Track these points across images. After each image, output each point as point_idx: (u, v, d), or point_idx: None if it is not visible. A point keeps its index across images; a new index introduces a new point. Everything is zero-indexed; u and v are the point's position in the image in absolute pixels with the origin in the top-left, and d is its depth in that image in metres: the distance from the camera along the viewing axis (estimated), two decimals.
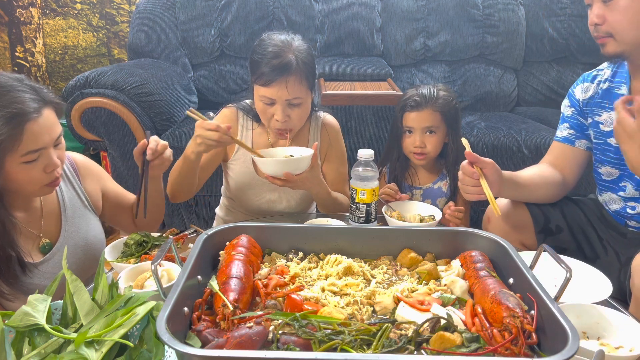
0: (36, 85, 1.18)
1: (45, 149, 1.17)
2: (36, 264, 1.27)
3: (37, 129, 1.14)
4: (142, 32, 3.02)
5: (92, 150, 3.04)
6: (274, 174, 1.41)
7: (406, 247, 1.19)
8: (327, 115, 1.74)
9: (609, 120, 1.46)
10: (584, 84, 1.56)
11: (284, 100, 1.49)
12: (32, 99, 1.14)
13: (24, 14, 3.42)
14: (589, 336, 1.00)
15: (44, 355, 0.84)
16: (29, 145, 1.14)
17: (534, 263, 1.06)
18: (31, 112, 1.13)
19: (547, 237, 1.55)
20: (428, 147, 1.71)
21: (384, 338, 0.88)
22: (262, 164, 1.43)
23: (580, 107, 1.55)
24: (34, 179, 1.18)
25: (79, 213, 1.38)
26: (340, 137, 1.74)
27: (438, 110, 1.70)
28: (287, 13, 3.04)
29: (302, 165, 1.42)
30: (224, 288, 0.95)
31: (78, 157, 1.44)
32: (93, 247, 1.39)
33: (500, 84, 3.11)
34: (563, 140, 1.60)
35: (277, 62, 1.45)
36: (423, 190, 1.79)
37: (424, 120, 1.70)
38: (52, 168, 1.19)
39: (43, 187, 1.22)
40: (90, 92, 2.38)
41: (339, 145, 1.73)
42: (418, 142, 1.70)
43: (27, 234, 1.28)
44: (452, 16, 3.08)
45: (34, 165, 1.17)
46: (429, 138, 1.71)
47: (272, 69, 1.45)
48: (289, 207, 1.71)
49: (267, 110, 1.52)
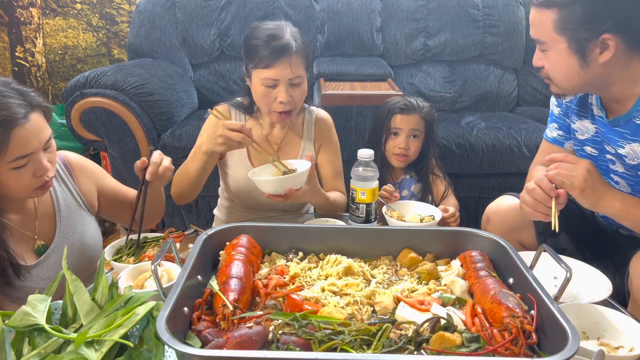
0: (23, 89, 1.16)
1: (34, 153, 1.15)
2: (31, 266, 1.26)
3: (25, 135, 1.12)
4: (142, 32, 3.02)
5: (92, 150, 3.04)
6: (275, 192, 1.42)
7: (406, 247, 1.19)
8: (320, 110, 1.78)
9: (583, 129, 1.45)
10: None
11: (287, 80, 1.52)
12: (19, 104, 1.12)
13: (24, 14, 3.42)
14: (589, 336, 1.00)
15: (44, 355, 0.84)
16: (17, 151, 1.12)
17: (534, 263, 1.06)
18: (18, 118, 1.11)
19: (547, 238, 1.54)
20: (411, 149, 1.85)
21: (384, 338, 0.88)
22: (262, 183, 1.42)
23: (564, 109, 1.54)
24: (24, 183, 1.17)
25: (74, 213, 1.37)
26: (333, 130, 1.77)
27: (423, 117, 1.86)
28: (287, 13, 3.04)
29: (301, 180, 1.42)
30: (224, 288, 0.95)
31: (72, 157, 1.42)
32: (89, 247, 1.38)
33: (500, 84, 3.11)
34: (553, 141, 1.58)
35: (277, 44, 1.49)
36: (398, 184, 1.90)
37: (411, 123, 1.84)
38: (41, 172, 1.18)
39: (33, 190, 1.20)
40: (90, 92, 2.38)
41: (332, 138, 1.76)
42: (403, 143, 1.83)
43: (21, 236, 1.27)
44: (452, 16, 3.08)
45: (24, 171, 1.15)
46: (412, 141, 1.85)
47: (274, 50, 1.48)
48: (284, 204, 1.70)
49: (269, 94, 1.54)
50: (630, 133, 1.29)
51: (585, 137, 1.45)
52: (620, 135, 1.32)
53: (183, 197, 1.61)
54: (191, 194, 1.62)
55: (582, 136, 1.46)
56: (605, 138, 1.38)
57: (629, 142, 1.30)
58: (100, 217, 1.51)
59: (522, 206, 1.30)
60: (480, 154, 2.53)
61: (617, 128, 1.32)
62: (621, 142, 1.32)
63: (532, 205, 1.26)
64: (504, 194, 1.66)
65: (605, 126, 1.36)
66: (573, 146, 1.55)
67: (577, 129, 1.48)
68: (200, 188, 1.61)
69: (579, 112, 1.47)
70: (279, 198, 1.43)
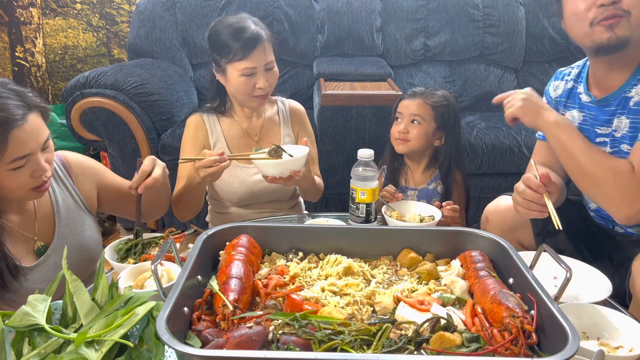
0: (20, 90, 1.16)
1: (32, 154, 1.15)
2: (30, 267, 1.25)
3: (23, 136, 1.12)
4: (142, 32, 3.02)
5: (92, 150, 3.04)
6: (280, 174, 1.46)
7: (406, 247, 1.19)
8: (290, 100, 1.86)
9: (571, 119, 1.48)
10: (556, 81, 1.57)
11: (263, 65, 1.60)
12: (17, 105, 1.12)
13: (24, 14, 3.42)
14: (589, 336, 1.00)
15: (44, 355, 0.84)
16: (15, 152, 1.12)
17: (534, 263, 1.06)
18: (16, 119, 1.10)
19: (545, 238, 1.54)
20: (410, 135, 1.74)
21: (384, 338, 0.88)
22: (266, 166, 1.46)
23: (554, 105, 1.55)
24: (21, 184, 1.17)
25: (73, 214, 1.37)
26: (307, 119, 1.86)
27: (429, 104, 1.75)
28: (287, 13, 3.04)
29: (302, 162, 1.47)
30: (224, 288, 0.95)
31: (70, 157, 1.42)
32: (88, 247, 1.38)
33: (500, 84, 3.11)
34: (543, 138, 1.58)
35: (248, 35, 1.57)
36: (418, 191, 1.81)
37: (412, 107, 1.75)
38: (39, 173, 1.17)
39: (31, 191, 1.20)
40: (90, 92, 2.38)
41: (307, 126, 1.85)
42: (402, 127, 1.75)
43: (21, 237, 1.27)
44: (452, 16, 3.08)
45: (22, 171, 1.15)
46: (413, 126, 1.74)
47: (246, 42, 1.56)
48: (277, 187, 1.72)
49: (248, 82, 1.60)
50: (620, 108, 1.34)
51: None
52: (610, 113, 1.37)
53: (186, 216, 1.68)
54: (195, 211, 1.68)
55: None
56: (595, 120, 1.41)
57: (618, 116, 1.35)
58: (101, 215, 1.51)
59: (515, 207, 1.32)
60: (480, 154, 2.53)
61: (607, 108, 1.37)
62: (612, 120, 1.37)
63: (525, 205, 1.28)
64: (503, 194, 1.66)
65: (596, 109, 1.41)
66: None
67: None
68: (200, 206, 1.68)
69: (566, 104, 1.51)
70: (280, 181, 1.47)
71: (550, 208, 1.22)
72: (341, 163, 2.50)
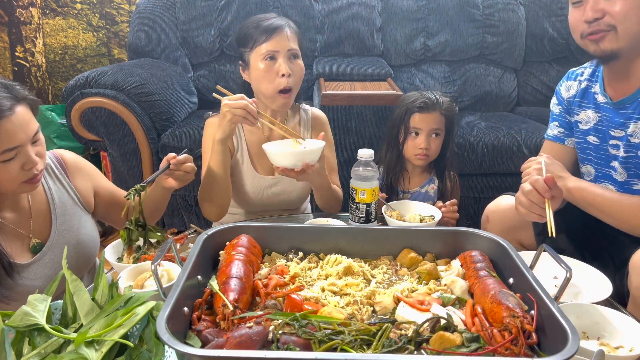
0: (8, 82, 1.17)
1: (22, 146, 1.16)
2: (26, 265, 1.25)
3: (12, 127, 1.12)
4: (142, 32, 3.02)
5: (92, 150, 3.04)
6: (293, 166, 1.43)
7: (406, 247, 1.19)
8: (314, 109, 1.81)
9: (586, 119, 1.48)
10: (568, 82, 1.57)
11: (286, 50, 1.56)
12: (4, 96, 1.13)
13: (24, 14, 3.42)
14: (589, 336, 1.00)
15: (44, 355, 0.84)
16: (4, 143, 1.12)
17: (534, 263, 1.06)
18: (4, 110, 1.11)
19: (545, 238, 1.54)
20: (432, 148, 1.74)
21: (384, 338, 0.88)
22: (279, 156, 1.43)
23: (566, 106, 1.56)
24: (12, 177, 1.17)
25: (70, 211, 1.37)
26: (329, 128, 1.81)
27: (444, 114, 1.75)
28: (287, 13, 3.03)
29: (317, 155, 1.45)
30: (224, 288, 0.95)
31: (66, 155, 1.42)
32: (85, 245, 1.38)
33: (500, 84, 3.11)
34: (554, 139, 1.60)
35: (270, 22, 1.58)
36: (411, 194, 1.82)
37: (432, 122, 1.73)
38: (30, 166, 1.18)
39: (22, 184, 1.20)
40: (90, 92, 2.38)
41: (328, 135, 1.80)
42: (424, 143, 1.73)
43: (16, 235, 1.27)
44: (452, 16, 3.08)
45: (12, 164, 1.16)
46: (434, 140, 1.75)
47: (268, 26, 1.56)
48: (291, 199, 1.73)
49: (270, 69, 1.55)
50: (637, 113, 1.33)
51: (588, 126, 1.48)
52: (627, 117, 1.36)
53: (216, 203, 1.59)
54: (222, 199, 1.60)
55: (585, 126, 1.49)
56: (610, 122, 1.41)
57: (635, 121, 1.34)
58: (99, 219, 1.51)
59: (517, 207, 1.31)
60: (480, 154, 2.53)
61: (623, 111, 1.36)
62: (627, 123, 1.36)
63: (527, 206, 1.27)
64: (503, 193, 1.66)
65: (611, 111, 1.40)
66: (574, 143, 1.57)
67: (580, 120, 1.51)
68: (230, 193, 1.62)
69: (580, 103, 1.50)
70: (292, 173, 1.44)
71: (548, 214, 1.22)
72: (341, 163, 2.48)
